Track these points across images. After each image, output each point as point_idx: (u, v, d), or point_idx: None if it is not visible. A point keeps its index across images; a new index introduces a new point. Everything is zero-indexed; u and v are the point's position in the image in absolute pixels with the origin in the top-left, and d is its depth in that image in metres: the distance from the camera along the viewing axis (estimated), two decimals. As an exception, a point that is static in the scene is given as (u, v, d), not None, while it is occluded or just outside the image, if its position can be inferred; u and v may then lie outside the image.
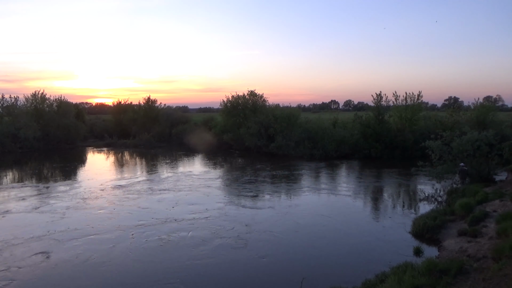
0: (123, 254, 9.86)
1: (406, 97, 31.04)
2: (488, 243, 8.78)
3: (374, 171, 23.42)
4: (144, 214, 13.60)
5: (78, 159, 32.24)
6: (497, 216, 10.50)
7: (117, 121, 47.56)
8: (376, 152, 28.27)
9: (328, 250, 10.22)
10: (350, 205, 15.12)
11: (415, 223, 11.57)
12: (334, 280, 8.13)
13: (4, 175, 23.19)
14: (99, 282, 8.30)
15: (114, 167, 26.49)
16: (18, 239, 10.95)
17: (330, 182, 20.13)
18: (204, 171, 23.81)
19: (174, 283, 8.23)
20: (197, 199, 16.07)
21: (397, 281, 6.80)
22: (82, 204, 15.22)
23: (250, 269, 9.08)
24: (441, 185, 16.79)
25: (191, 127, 42.11)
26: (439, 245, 9.96)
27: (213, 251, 10.09)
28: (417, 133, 28.50)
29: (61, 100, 41.71)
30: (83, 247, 10.30)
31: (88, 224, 12.37)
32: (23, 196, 16.75)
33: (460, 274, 7.10)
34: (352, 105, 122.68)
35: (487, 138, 16.49)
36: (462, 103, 58.42)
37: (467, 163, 16.30)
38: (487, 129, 18.78)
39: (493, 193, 13.66)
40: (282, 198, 16.33)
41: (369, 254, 9.86)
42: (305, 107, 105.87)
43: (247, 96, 37.31)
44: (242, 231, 11.73)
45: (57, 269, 8.97)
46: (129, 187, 18.57)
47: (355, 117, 32.26)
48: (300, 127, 31.70)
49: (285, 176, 21.77)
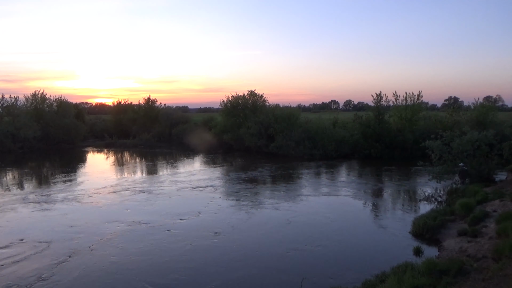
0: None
1: (406, 97, 31.02)
2: (488, 243, 8.78)
3: (374, 171, 23.41)
4: (143, 213, 13.66)
5: (78, 159, 32.24)
6: (497, 216, 10.51)
7: (117, 121, 47.56)
8: (376, 152, 28.25)
9: (328, 250, 10.21)
10: (350, 205, 15.12)
11: (415, 223, 11.56)
12: (334, 280, 8.14)
13: (4, 175, 23.20)
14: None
15: (115, 167, 26.49)
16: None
17: (330, 182, 20.12)
18: (204, 171, 23.81)
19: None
20: (198, 199, 16.09)
21: (397, 281, 6.80)
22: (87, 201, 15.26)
23: (250, 269, 9.06)
24: (441, 185, 16.77)
25: (191, 127, 42.08)
26: (439, 245, 9.96)
27: (210, 251, 10.09)
28: (417, 133, 28.47)
29: (61, 100, 41.76)
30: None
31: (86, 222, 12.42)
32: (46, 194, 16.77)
33: (460, 274, 7.09)
34: (352, 105, 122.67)
35: (487, 138, 16.49)
36: (462, 103, 58.52)
37: (467, 163, 16.29)
38: (487, 129, 18.78)
39: (493, 193, 13.67)
40: (282, 198, 16.31)
41: (369, 254, 9.86)
42: (305, 107, 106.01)
43: (247, 96, 37.29)
44: (241, 231, 11.73)
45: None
46: (130, 187, 18.59)
47: (355, 117, 32.23)
48: (300, 127, 31.67)
49: (285, 176, 21.76)
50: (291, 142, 30.11)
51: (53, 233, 11.57)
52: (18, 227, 12.36)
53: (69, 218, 13.20)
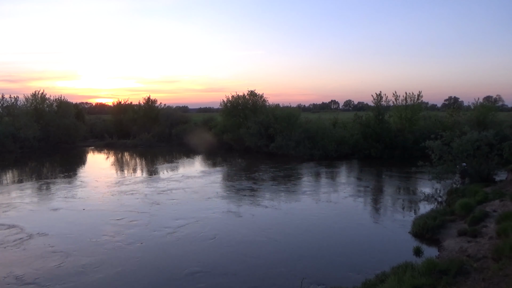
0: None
1: (406, 97, 31.06)
2: (488, 243, 8.78)
3: (374, 171, 23.41)
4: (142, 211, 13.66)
5: (78, 159, 32.24)
6: (497, 216, 10.50)
7: (117, 121, 47.50)
8: (376, 152, 28.26)
9: (328, 250, 10.21)
10: (350, 205, 15.11)
11: (415, 223, 11.57)
12: (334, 280, 8.14)
13: (4, 175, 23.21)
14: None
15: (117, 168, 26.49)
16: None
17: (330, 182, 20.12)
18: (205, 171, 23.80)
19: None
20: (199, 199, 16.09)
21: (397, 281, 6.80)
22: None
23: (250, 268, 9.07)
24: (441, 185, 16.78)
25: (191, 127, 42.07)
26: (439, 245, 9.96)
27: (211, 251, 10.10)
28: (417, 133, 28.48)
29: (61, 100, 41.76)
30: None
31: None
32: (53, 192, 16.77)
33: (460, 274, 7.10)
34: (352, 105, 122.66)
35: (487, 138, 16.48)
36: (462, 103, 58.51)
37: (467, 163, 16.29)
38: (487, 129, 18.77)
39: (493, 193, 13.66)
40: (282, 198, 16.32)
41: (369, 254, 9.86)
42: (305, 107, 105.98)
43: (247, 96, 37.31)
44: (242, 231, 11.73)
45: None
46: (130, 187, 18.60)
47: (355, 117, 32.24)
48: (300, 127, 31.68)
49: (285, 176, 21.76)
50: (291, 142, 30.11)
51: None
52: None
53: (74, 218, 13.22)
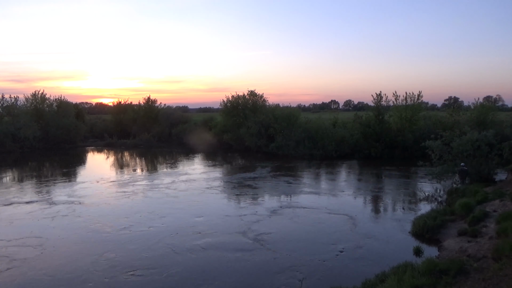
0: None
1: (406, 97, 31.01)
2: (488, 243, 8.78)
3: (374, 171, 23.40)
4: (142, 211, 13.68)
5: (78, 159, 32.25)
6: (497, 216, 10.51)
7: (117, 121, 47.52)
8: (376, 152, 28.24)
9: (328, 250, 10.20)
10: (350, 205, 15.10)
11: (415, 223, 11.56)
12: (334, 280, 8.13)
13: (4, 175, 23.21)
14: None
15: (118, 167, 26.49)
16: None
17: (330, 182, 20.12)
18: (205, 171, 23.80)
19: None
20: (200, 199, 16.10)
21: (397, 281, 6.80)
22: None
23: (250, 268, 9.07)
24: (441, 185, 16.77)
25: (191, 127, 42.08)
26: (439, 245, 9.95)
27: (213, 251, 10.09)
28: (417, 133, 28.46)
29: (61, 100, 41.72)
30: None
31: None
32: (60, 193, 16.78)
33: (460, 274, 7.09)
34: (352, 105, 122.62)
35: (487, 138, 16.47)
36: (462, 103, 58.36)
37: (467, 163, 16.29)
38: (487, 129, 18.77)
39: (493, 193, 13.66)
40: (282, 198, 16.31)
41: (369, 254, 9.85)
42: (305, 107, 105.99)
43: (247, 96, 37.32)
44: (242, 231, 11.73)
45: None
46: (132, 187, 18.61)
47: (355, 117, 32.26)
48: (300, 127, 31.67)
49: (285, 176, 21.75)
50: (291, 142, 30.11)
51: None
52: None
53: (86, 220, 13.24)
